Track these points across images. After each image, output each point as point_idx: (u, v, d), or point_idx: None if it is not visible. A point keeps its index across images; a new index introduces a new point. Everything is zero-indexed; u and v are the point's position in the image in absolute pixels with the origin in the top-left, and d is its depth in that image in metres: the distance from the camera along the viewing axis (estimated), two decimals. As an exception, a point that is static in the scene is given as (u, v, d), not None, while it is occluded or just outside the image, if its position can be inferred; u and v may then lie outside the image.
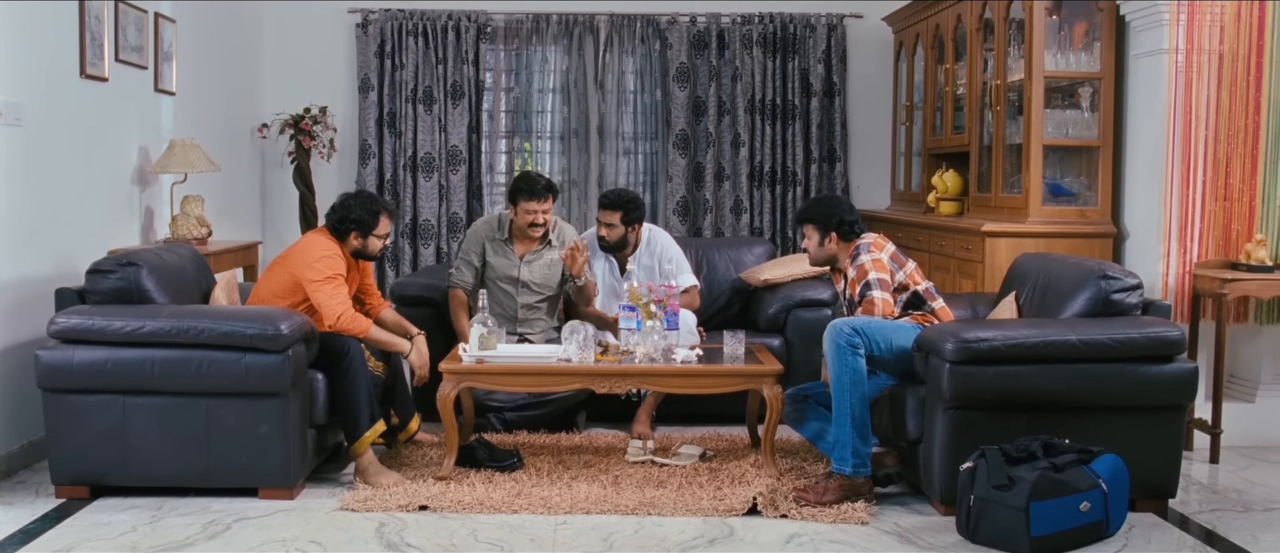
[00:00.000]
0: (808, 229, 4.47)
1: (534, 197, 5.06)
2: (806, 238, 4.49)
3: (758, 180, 7.59)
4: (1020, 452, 3.67)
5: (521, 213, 5.09)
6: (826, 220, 4.40)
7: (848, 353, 4.05)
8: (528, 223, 5.09)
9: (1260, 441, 4.97)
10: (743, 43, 7.49)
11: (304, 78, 7.45)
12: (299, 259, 4.42)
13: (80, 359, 3.99)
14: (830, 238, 4.42)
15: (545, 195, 5.07)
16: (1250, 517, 4.07)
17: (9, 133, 4.35)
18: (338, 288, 4.37)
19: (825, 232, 4.41)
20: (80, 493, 4.09)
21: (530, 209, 5.07)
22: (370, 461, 4.27)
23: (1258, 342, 5.06)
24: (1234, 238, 4.95)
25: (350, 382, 4.26)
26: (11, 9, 4.38)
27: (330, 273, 4.36)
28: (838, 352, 4.06)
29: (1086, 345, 3.85)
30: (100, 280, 4.20)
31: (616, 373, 4.31)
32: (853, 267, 4.30)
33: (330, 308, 4.31)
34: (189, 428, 4.04)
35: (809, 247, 4.49)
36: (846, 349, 4.05)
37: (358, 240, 4.52)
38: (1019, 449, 3.68)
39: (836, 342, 4.07)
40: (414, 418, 4.78)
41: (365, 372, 4.32)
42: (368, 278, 4.76)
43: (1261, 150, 4.91)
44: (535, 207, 5.06)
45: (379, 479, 4.22)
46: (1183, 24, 4.89)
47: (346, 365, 4.26)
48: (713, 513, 3.96)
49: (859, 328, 4.10)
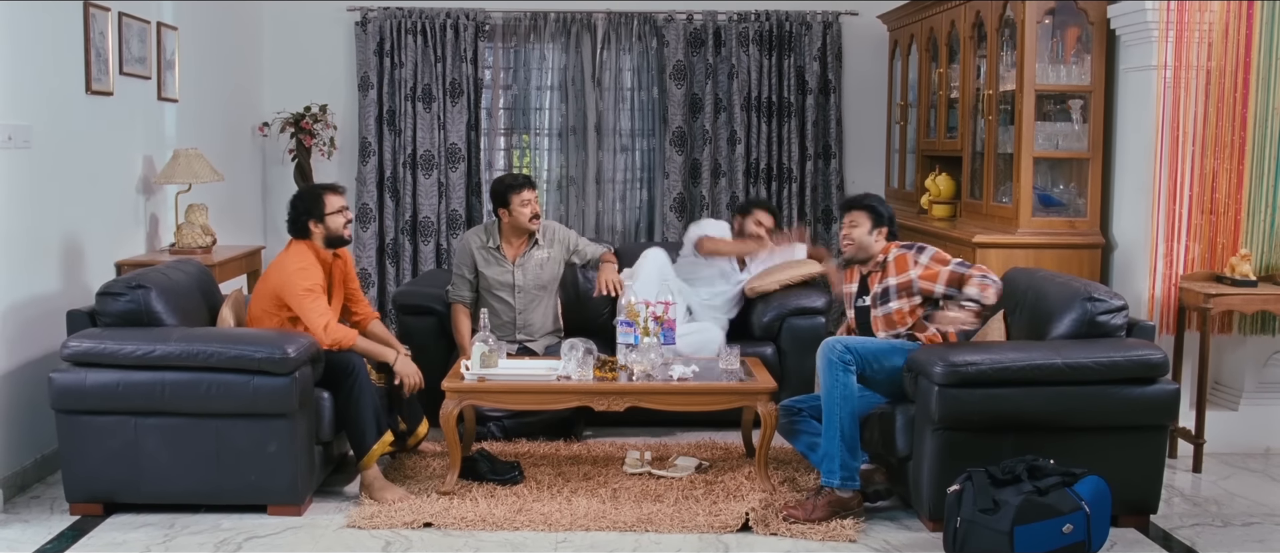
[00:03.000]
0: (859, 217, 4.43)
1: (525, 188, 5.22)
2: (855, 224, 4.43)
3: (754, 177, 7.67)
4: (1005, 474, 3.78)
5: (518, 207, 5.21)
6: (881, 214, 4.44)
7: (840, 369, 4.16)
8: (530, 215, 5.23)
9: (1242, 448, 5.10)
10: (739, 40, 7.55)
11: (304, 76, 7.51)
12: (278, 276, 4.52)
13: (93, 382, 4.10)
14: (880, 231, 4.43)
15: (532, 185, 5.27)
16: (1229, 532, 4.20)
17: (17, 155, 4.43)
18: (317, 300, 4.45)
19: (878, 224, 4.42)
20: (94, 510, 4.21)
21: (526, 200, 5.22)
22: (376, 475, 4.39)
23: (1242, 351, 5.18)
24: (1220, 251, 5.06)
25: (356, 398, 4.37)
26: (18, 32, 4.45)
27: (309, 285, 4.44)
28: (830, 368, 4.18)
29: (1071, 369, 3.97)
30: (110, 303, 4.30)
31: (614, 391, 4.43)
32: (917, 265, 4.32)
33: (314, 320, 4.40)
34: (199, 448, 4.15)
35: (855, 234, 4.42)
36: (838, 365, 4.17)
37: (319, 227, 4.57)
38: (1004, 472, 3.79)
39: (829, 358, 4.19)
40: (422, 423, 4.88)
41: (371, 388, 4.43)
42: (353, 283, 4.85)
43: (1248, 165, 5.01)
44: (528, 195, 5.23)
45: (384, 495, 4.34)
46: (1171, 40, 4.96)
47: (352, 383, 4.37)
48: (707, 530, 4.09)
49: (851, 346, 4.22)
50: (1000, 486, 3.76)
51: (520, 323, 5.32)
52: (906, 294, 4.34)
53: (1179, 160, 5.03)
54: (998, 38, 5.71)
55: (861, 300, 4.53)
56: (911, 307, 4.34)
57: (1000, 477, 3.78)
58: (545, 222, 5.43)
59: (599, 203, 7.74)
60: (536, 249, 5.33)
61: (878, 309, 4.41)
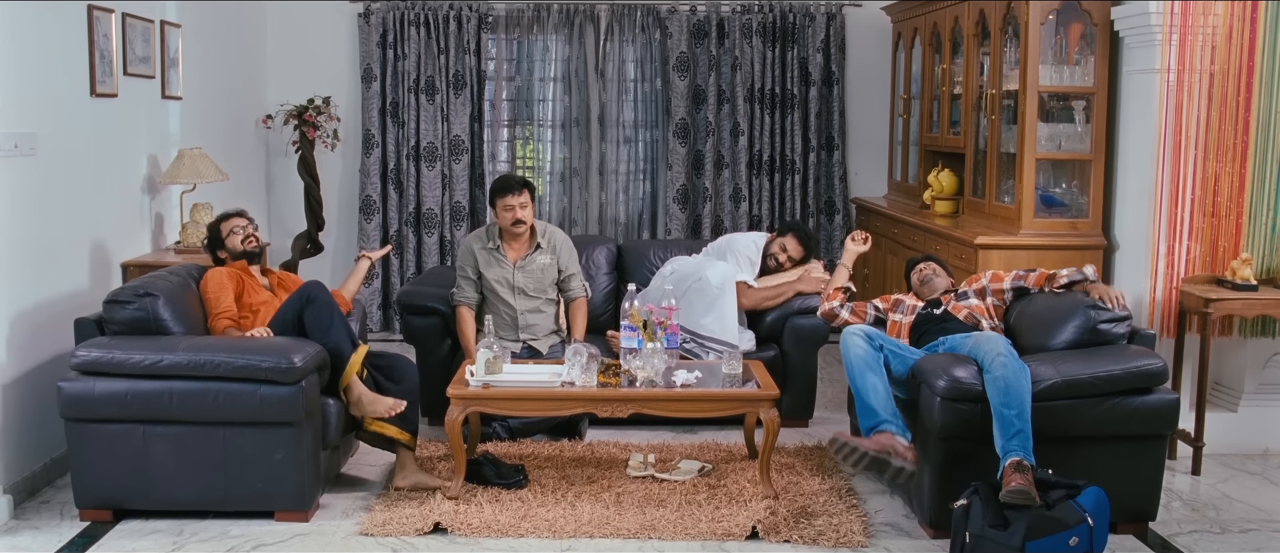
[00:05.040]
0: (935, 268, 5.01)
1: (509, 191, 5.20)
2: (936, 275, 4.98)
3: (757, 169, 7.69)
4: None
5: (501, 211, 5.22)
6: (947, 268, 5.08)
7: (861, 337, 4.35)
8: (511, 220, 5.21)
9: (1241, 449, 5.14)
10: (742, 32, 7.54)
11: (307, 69, 7.51)
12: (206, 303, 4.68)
13: (101, 390, 4.13)
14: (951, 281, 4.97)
15: (520, 190, 5.22)
16: (1227, 539, 4.24)
17: (23, 163, 4.45)
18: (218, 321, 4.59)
19: (949, 275, 5.01)
20: (103, 516, 4.26)
21: (507, 204, 5.20)
22: (361, 390, 4.46)
23: (1242, 352, 5.20)
24: (1221, 254, 5.08)
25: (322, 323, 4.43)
26: (22, 39, 4.46)
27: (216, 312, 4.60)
28: (852, 345, 4.35)
29: (1070, 385, 4.00)
30: (118, 311, 4.33)
31: (617, 398, 4.46)
32: (985, 276, 4.81)
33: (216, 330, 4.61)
34: (207, 455, 4.19)
35: (937, 282, 4.94)
36: (862, 337, 4.35)
37: (226, 253, 4.83)
38: (1010, 486, 3.83)
39: (852, 339, 4.37)
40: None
41: (333, 307, 4.49)
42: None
43: (1250, 168, 5.02)
44: (511, 200, 5.20)
45: (376, 406, 4.41)
46: (1175, 42, 4.96)
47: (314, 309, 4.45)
48: (711, 537, 4.13)
49: (872, 334, 4.40)
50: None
51: (523, 323, 5.35)
52: (981, 297, 4.71)
53: (1181, 163, 5.04)
54: (1001, 36, 5.71)
55: (928, 310, 4.71)
56: (988, 306, 4.67)
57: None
58: (550, 228, 5.43)
59: (602, 194, 7.76)
60: (538, 253, 5.34)
61: (960, 301, 4.67)
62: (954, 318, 4.61)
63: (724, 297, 5.43)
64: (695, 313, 5.41)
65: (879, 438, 4.14)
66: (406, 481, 4.54)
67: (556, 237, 5.42)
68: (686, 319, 5.36)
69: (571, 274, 5.41)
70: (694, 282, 5.48)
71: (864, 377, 4.28)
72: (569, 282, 5.41)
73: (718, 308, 5.41)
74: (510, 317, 5.34)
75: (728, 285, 5.46)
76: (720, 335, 5.38)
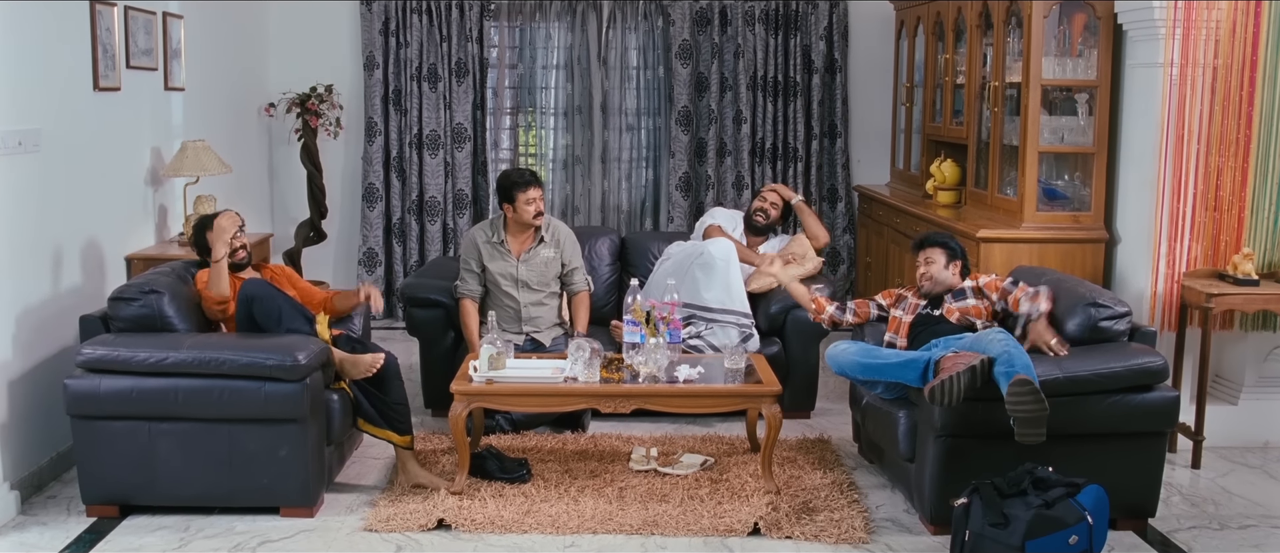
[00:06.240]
0: (935, 254, 4.68)
1: (531, 185, 5.25)
2: (931, 261, 4.68)
3: (759, 156, 7.68)
4: (1011, 487, 3.83)
5: (523, 205, 5.23)
6: (954, 250, 4.71)
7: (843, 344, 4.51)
8: (534, 212, 5.26)
9: (1241, 442, 5.16)
10: (745, 19, 7.52)
11: (310, 57, 7.50)
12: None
13: (107, 388, 4.15)
14: (955, 265, 4.67)
15: (538, 183, 5.29)
16: (1226, 535, 4.27)
17: (27, 159, 4.46)
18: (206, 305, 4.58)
19: (953, 259, 4.68)
20: (110, 512, 4.29)
21: (530, 197, 5.24)
22: (340, 354, 4.50)
23: (1243, 346, 5.22)
24: (1223, 248, 5.08)
25: (271, 310, 4.43)
26: (24, 35, 4.45)
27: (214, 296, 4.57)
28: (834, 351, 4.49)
29: (1071, 382, 4.02)
30: (123, 307, 4.35)
31: (620, 393, 4.48)
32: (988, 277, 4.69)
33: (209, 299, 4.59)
34: (212, 452, 4.22)
35: (932, 271, 4.67)
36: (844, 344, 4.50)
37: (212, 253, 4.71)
38: (1010, 484, 3.84)
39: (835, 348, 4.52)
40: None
41: (275, 295, 4.49)
42: (300, 284, 5.01)
43: (1252, 163, 5.02)
44: (532, 194, 5.25)
45: (356, 367, 4.47)
46: (1178, 37, 4.95)
47: (259, 303, 4.44)
48: (713, 533, 4.16)
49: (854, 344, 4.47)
50: (1006, 498, 3.82)
51: (526, 316, 5.37)
52: (980, 297, 4.60)
53: (1184, 157, 5.04)
54: (1004, 27, 5.70)
55: (927, 310, 4.67)
56: (985, 307, 4.56)
57: (1006, 489, 3.84)
58: (553, 221, 5.45)
59: (604, 182, 7.76)
60: (542, 246, 5.36)
61: (955, 303, 4.58)
62: (946, 321, 4.57)
63: (730, 267, 5.50)
64: (700, 288, 5.43)
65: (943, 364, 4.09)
66: (407, 481, 4.56)
67: (560, 230, 5.43)
68: (692, 296, 5.40)
69: (574, 268, 5.42)
70: (697, 257, 5.52)
71: (871, 359, 4.37)
72: (572, 276, 5.42)
73: (724, 278, 5.47)
74: (514, 309, 5.36)
75: (731, 254, 5.55)
76: (729, 305, 5.43)
